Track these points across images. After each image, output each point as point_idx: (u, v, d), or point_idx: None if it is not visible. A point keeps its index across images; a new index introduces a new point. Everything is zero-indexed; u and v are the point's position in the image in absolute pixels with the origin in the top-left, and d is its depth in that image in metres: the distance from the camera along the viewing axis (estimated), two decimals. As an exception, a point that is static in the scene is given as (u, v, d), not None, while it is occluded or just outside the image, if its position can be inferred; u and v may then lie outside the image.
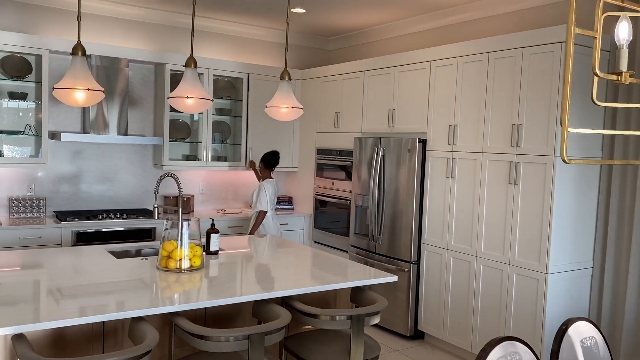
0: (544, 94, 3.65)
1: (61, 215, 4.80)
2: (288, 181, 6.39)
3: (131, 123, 5.37)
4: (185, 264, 3.05)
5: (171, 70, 5.28)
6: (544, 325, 3.65)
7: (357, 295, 3.15)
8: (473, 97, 4.14)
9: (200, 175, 5.87)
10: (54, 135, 4.79)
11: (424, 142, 4.51)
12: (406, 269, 4.57)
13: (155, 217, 3.45)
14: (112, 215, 4.91)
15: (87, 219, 4.77)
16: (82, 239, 4.68)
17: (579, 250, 3.81)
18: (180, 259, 3.04)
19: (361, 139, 5.07)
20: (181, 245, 3.05)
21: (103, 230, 4.78)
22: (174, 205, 5.49)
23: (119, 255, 3.54)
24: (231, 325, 3.01)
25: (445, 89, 4.37)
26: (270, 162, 5.18)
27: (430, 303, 4.48)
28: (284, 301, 2.87)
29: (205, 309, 2.92)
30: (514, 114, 3.83)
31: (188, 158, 5.64)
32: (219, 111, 5.76)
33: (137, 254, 3.68)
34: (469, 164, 4.16)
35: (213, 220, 3.70)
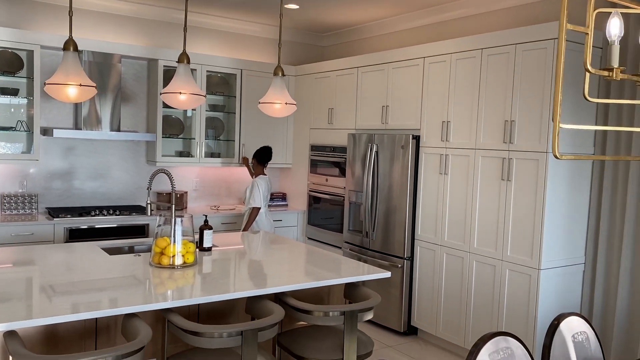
0: (536, 90, 3.66)
1: (53, 212, 4.77)
2: (282, 177, 6.39)
3: (124, 119, 5.35)
4: (178, 261, 3.04)
5: (164, 66, 5.25)
6: (536, 321, 3.67)
7: (351, 291, 3.16)
8: (466, 94, 4.14)
9: (193, 171, 5.85)
10: (46, 132, 4.76)
11: (417, 139, 4.52)
12: (399, 265, 4.58)
13: (148, 214, 3.44)
14: (105, 212, 4.89)
15: (80, 215, 4.75)
16: (75, 235, 4.66)
17: (571, 246, 3.83)
18: (173, 256, 3.03)
19: (355, 136, 5.08)
20: (174, 242, 3.04)
21: (96, 226, 4.76)
22: (167, 202, 5.48)
23: (112, 251, 3.53)
24: (224, 321, 3.01)
25: (438, 86, 4.38)
26: (262, 158, 5.17)
27: (424, 299, 4.49)
28: (278, 297, 2.88)
29: (198, 305, 2.92)
30: (507, 110, 3.84)
31: (181, 154, 5.62)
32: (212, 107, 5.75)
33: (130, 250, 3.67)
34: (462, 160, 4.17)
35: (206, 216, 3.70)
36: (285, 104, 3.68)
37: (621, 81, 3.64)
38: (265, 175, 5.16)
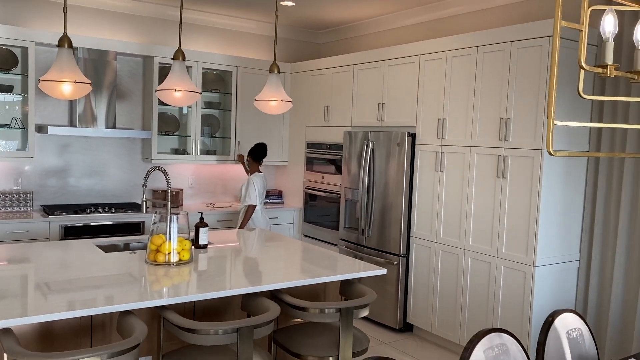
0: (532, 88, 3.67)
1: (49, 209, 4.76)
2: (278, 175, 6.39)
3: (119, 116, 5.33)
4: (174, 258, 3.04)
5: (159, 63, 5.24)
6: (531, 317, 3.68)
7: (347, 288, 3.17)
8: (462, 91, 4.15)
9: (189, 169, 5.84)
10: (41, 129, 4.74)
11: (413, 136, 4.52)
12: (395, 262, 4.59)
13: (144, 211, 3.43)
14: (101, 209, 4.88)
15: (75, 212, 4.74)
16: (70, 233, 4.64)
17: (565, 243, 3.85)
18: (169, 253, 3.03)
19: (351, 133, 5.08)
20: (170, 239, 3.04)
21: (91, 224, 4.75)
22: (162, 199, 5.47)
23: (108, 249, 3.52)
24: (220, 318, 3.01)
25: (434, 83, 4.38)
26: (257, 155, 5.17)
27: (419, 296, 4.50)
28: (273, 295, 2.88)
29: (194, 302, 2.92)
30: (502, 108, 3.85)
31: (177, 152, 5.61)
32: (208, 104, 5.74)
33: (126, 247, 3.67)
34: (458, 157, 4.17)
35: (202, 214, 3.69)
36: (281, 101, 3.68)
37: (616, 80, 3.66)
38: (261, 172, 5.16)
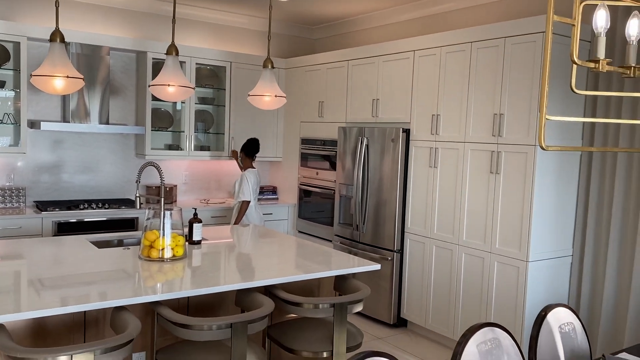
0: (525, 83, 3.67)
1: (41, 205, 4.73)
2: (272, 171, 6.38)
3: (113, 112, 5.30)
4: (167, 254, 3.04)
5: (153, 58, 5.22)
6: (524, 312, 3.70)
7: (341, 283, 3.17)
8: (456, 87, 4.15)
9: (183, 165, 5.83)
10: (34, 124, 4.71)
11: (407, 132, 4.53)
12: (389, 258, 4.60)
13: (138, 207, 3.42)
14: (94, 205, 4.86)
15: (68, 209, 4.71)
16: (64, 229, 4.62)
17: (559, 239, 3.87)
18: (162, 249, 3.02)
19: (345, 129, 5.07)
20: (163, 235, 3.03)
21: (85, 220, 4.73)
22: (156, 195, 5.45)
23: (101, 245, 3.51)
24: (214, 314, 3.01)
25: (428, 79, 4.38)
26: (250, 151, 5.15)
27: (413, 291, 4.52)
28: (267, 290, 2.88)
29: (188, 298, 2.91)
30: (495, 103, 3.86)
31: (170, 147, 5.59)
32: (202, 100, 5.72)
33: (119, 243, 3.65)
34: (452, 153, 4.18)
35: (196, 209, 3.68)
36: (275, 96, 3.67)
37: (609, 76, 3.67)
38: (254, 168, 5.15)
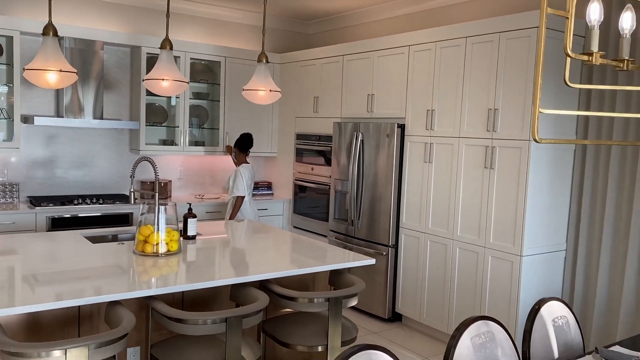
0: (520, 79, 3.68)
1: (35, 201, 4.72)
2: (267, 166, 6.37)
3: (107, 107, 5.28)
4: (162, 249, 3.03)
5: (147, 53, 5.19)
6: (518, 306, 3.72)
7: (336, 278, 3.18)
8: (451, 82, 4.16)
9: (177, 160, 5.81)
10: (27, 119, 4.69)
11: (402, 127, 4.53)
12: (384, 253, 4.61)
13: (132, 202, 3.41)
14: (88, 200, 4.84)
15: (62, 204, 4.70)
16: (58, 224, 4.61)
17: (552, 233, 3.88)
18: (157, 244, 3.02)
19: (340, 124, 5.07)
20: (158, 230, 3.03)
21: (79, 215, 4.71)
22: (150, 190, 5.44)
23: (95, 240, 3.50)
24: (209, 309, 3.01)
25: (423, 74, 4.38)
26: (243, 146, 5.14)
27: (408, 286, 4.53)
28: (262, 285, 2.88)
29: (182, 293, 2.91)
30: (490, 98, 3.87)
31: (165, 143, 5.58)
32: (196, 95, 5.70)
33: (114, 239, 3.65)
34: (446, 148, 4.19)
35: (190, 205, 3.68)
36: (270, 91, 3.66)
37: (603, 70, 3.68)
38: (249, 163, 5.14)
